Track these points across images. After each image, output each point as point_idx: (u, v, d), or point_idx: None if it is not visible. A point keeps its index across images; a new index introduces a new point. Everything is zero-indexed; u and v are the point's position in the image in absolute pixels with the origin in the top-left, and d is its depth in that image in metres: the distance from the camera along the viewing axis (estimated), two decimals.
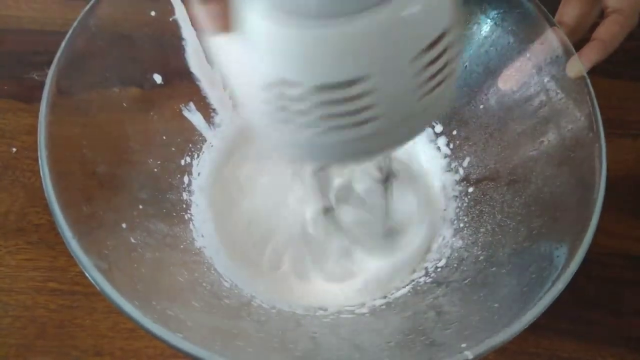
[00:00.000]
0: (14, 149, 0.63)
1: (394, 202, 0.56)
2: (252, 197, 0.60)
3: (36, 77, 0.66)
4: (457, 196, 0.59)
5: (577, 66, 0.48)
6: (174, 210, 0.55)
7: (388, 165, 0.50)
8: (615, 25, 0.51)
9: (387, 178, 0.51)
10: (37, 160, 0.42)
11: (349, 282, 0.56)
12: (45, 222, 0.59)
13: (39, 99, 0.44)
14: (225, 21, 0.29)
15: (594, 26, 0.53)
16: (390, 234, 0.58)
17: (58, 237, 0.40)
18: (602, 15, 0.53)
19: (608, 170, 0.43)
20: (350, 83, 0.28)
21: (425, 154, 0.63)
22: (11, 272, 0.57)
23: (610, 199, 0.43)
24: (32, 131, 0.54)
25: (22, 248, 0.58)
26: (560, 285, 0.39)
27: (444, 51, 0.30)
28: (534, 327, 0.38)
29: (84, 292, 0.55)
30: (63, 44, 0.47)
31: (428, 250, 0.57)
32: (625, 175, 0.62)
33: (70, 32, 0.48)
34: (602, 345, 0.54)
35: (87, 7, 0.49)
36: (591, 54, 0.49)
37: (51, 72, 0.46)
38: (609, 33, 0.51)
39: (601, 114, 0.46)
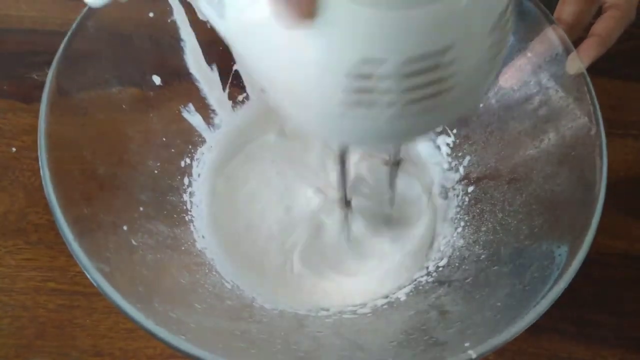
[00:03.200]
0: (14, 149, 0.63)
1: (399, 191, 0.56)
2: (253, 197, 0.60)
3: (36, 77, 0.66)
4: (457, 195, 0.59)
5: (576, 63, 0.48)
6: (174, 211, 0.55)
7: (397, 151, 0.50)
8: (613, 21, 0.51)
9: (397, 163, 0.51)
10: (36, 160, 0.42)
11: (353, 279, 0.56)
12: (45, 222, 0.59)
13: (38, 99, 0.44)
14: (310, 7, 0.27)
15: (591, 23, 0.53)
16: (393, 221, 0.58)
17: (58, 237, 0.40)
18: (599, 11, 0.53)
19: (608, 170, 0.43)
20: (436, 54, 0.28)
21: (426, 153, 0.63)
22: (11, 272, 0.57)
23: (611, 198, 0.43)
24: (32, 131, 0.54)
25: (22, 248, 0.58)
26: (562, 284, 0.39)
27: (509, 17, 0.31)
28: (534, 327, 0.38)
29: (83, 292, 0.55)
30: (63, 44, 0.47)
31: (430, 248, 0.57)
32: (626, 175, 0.62)
33: (69, 32, 0.47)
34: (602, 345, 0.54)
35: (87, 7, 0.48)
36: (590, 50, 0.49)
37: (51, 72, 0.45)
38: (606, 28, 0.51)
39: (602, 113, 0.46)
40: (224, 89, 0.61)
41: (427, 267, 0.55)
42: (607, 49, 0.51)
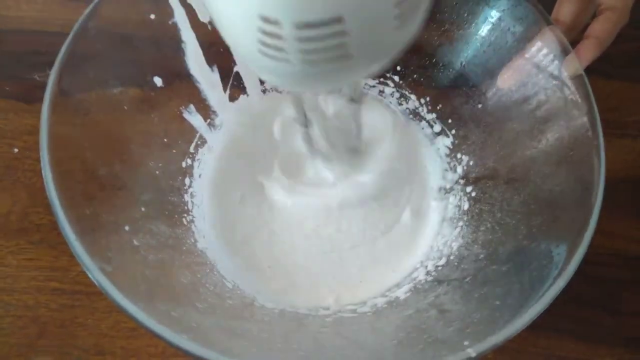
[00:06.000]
0: (16, 149, 0.63)
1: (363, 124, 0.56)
2: (252, 198, 0.61)
3: (37, 78, 0.66)
4: (456, 195, 0.59)
5: (573, 65, 0.48)
6: (175, 212, 0.56)
7: (359, 87, 0.50)
8: (609, 22, 0.51)
9: (357, 98, 0.51)
10: (38, 160, 0.42)
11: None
12: (47, 222, 0.59)
13: (40, 100, 0.44)
14: None
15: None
16: (357, 151, 0.59)
17: (59, 237, 0.40)
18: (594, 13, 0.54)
19: (607, 170, 0.44)
20: (329, 21, 0.29)
21: (424, 153, 0.63)
22: (13, 272, 0.57)
23: (609, 199, 0.43)
24: (34, 131, 0.54)
25: (24, 248, 0.58)
26: (561, 283, 0.39)
27: None
28: (533, 327, 0.38)
29: (85, 291, 0.56)
30: (64, 45, 0.47)
31: (430, 248, 0.58)
32: (625, 176, 0.62)
33: (71, 33, 0.48)
34: (600, 345, 0.54)
35: (88, 8, 0.49)
36: (587, 52, 0.50)
37: (53, 72, 0.46)
38: (602, 30, 0.51)
39: (600, 114, 0.46)
40: (224, 90, 0.61)
41: (426, 266, 0.55)
42: (603, 50, 0.51)
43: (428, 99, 0.63)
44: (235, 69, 0.61)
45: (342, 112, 0.59)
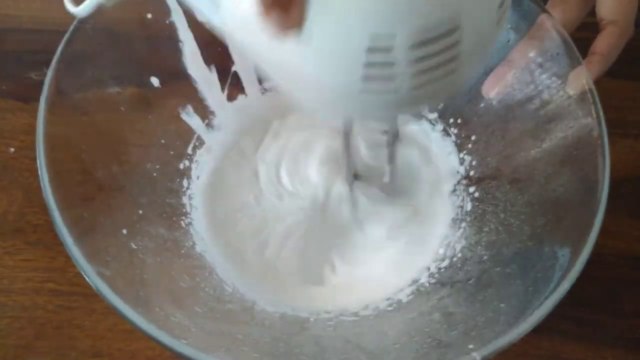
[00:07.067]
0: (12, 149, 0.63)
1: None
2: (251, 198, 0.60)
3: (34, 77, 0.66)
4: (459, 195, 0.59)
5: (578, 83, 0.48)
6: (174, 214, 0.55)
7: (395, 127, 0.50)
8: (612, 37, 0.51)
9: (393, 140, 0.51)
10: (35, 160, 0.42)
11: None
12: (44, 222, 0.59)
13: (37, 99, 0.44)
14: (297, 15, 0.27)
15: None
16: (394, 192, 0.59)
17: (56, 238, 0.40)
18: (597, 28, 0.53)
19: (610, 170, 0.43)
20: (444, 22, 0.29)
21: (426, 153, 0.63)
22: (9, 272, 0.56)
23: (612, 199, 0.43)
24: (31, 131, 0.53)
25: (21, 249, 0.57)
26: (566, 285, 0.39)
27: None
28: (535, 329, 0.38)
29: (82, 292, 0.55)
30: (61, 44, 0.47)
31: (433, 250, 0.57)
32: (627, 176, 0.62)
33: (68, 32, 0.47)
34: (603, 346, 0.54)
35: None
36: (592, 69, 0.49)
37: (50, 72, 0.45)
38: (606, 46, 0.51)
39: (603, 114, 0.46)
40: (222, 90, 0.61)
41: (429, 268, 0.55)
42: (609, 66, 0.51)
43: None
44: (234, 68, 0.61)
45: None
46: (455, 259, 0.53)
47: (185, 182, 0.58)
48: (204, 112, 0.60)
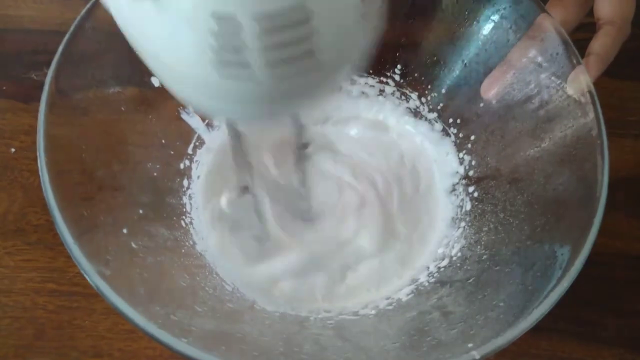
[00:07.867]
0: (13, 149, 0.63)
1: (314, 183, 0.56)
2: (251, 197, 0.60)
3: (35, 77, 0.65)
4: (458, 195, 0.59)
5: (577, 85, 0.48)
6: (174, 214, 0.55)
7: (300, 131, 0.47)
8: (609, 38, 0.51)
9: (303, 146, 0.49)
10: (36, 160, 0.42)
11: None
12: (44, 222, 0.59)
13: (37, 99, 0.44)
14: None
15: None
16: (308, 216, 0.58)
17: (57, 238, 0.40)
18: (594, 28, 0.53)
19: (609, 169, 0.43)
20: (292, 13, 0.27)
21: (425, 153, 0.63)
22: (10, 273, 0.56)
23: (611, 199, 0.43)
24: (31, 131, 0.54)
25: (21, 249, 0.58)
26: (565, 284, 0.39)
27: None
28: (534, 328, 0.38)
29: (82, 293, 0.55)
30: (62, 44, 0.47)
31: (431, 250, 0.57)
32: (626, 176, 0.62)
33: (69, 32, 0.47)
34: (602, 345, 0.54)
35: (86, 7, 0.48)
36: (590, 70, 0.49)
37: (50, 72, 0.45)
38: (603, 46, 0.51)
39: (602, 113, 0.46)
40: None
41: (429, 268, 0.55)
42: (607, 66, 0.51)
43: (429, 98, 0.63)
44: None
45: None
46: (454, 258, 0.54)
47: (185, 182, 0.58)
48: None
